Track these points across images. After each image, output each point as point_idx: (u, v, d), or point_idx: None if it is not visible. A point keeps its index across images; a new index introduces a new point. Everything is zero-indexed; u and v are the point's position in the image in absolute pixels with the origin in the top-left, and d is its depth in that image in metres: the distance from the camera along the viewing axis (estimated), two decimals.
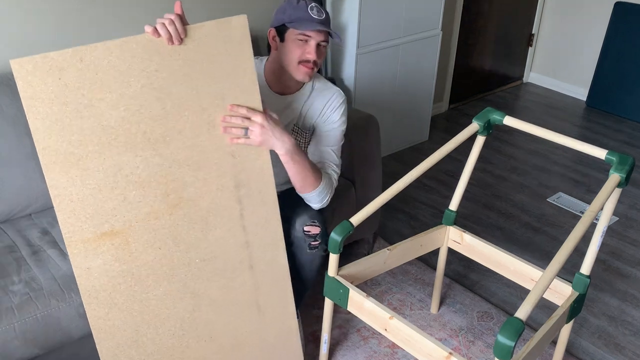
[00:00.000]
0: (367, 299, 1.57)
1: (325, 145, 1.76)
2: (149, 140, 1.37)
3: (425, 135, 3.47)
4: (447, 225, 1.92)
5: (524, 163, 3.27)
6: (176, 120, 1.39)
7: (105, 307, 1.42)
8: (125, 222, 1.39)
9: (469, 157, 1.82)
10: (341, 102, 1.76)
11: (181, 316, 1.52)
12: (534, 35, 4.28)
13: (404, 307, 2.17)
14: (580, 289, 1.61)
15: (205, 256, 1.50)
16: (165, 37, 1.31)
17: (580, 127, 3.72)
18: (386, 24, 2.83)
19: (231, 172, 1.48)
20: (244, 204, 1.52)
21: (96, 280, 1.40)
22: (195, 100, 1.39)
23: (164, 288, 1.48)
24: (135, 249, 1.42)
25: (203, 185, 1.45)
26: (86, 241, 1.36)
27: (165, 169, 1.40)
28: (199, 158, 1.43)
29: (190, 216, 1.46)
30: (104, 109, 1.31)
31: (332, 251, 1.58)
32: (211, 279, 1.53)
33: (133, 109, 1.33)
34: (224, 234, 1.51)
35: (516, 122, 1.69)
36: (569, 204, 2.87)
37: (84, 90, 1.28)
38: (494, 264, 1.83)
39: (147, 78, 1.33)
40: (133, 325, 1.47)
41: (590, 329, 2.10)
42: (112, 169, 1.34)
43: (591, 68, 3.99)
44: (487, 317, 2.13)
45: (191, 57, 1.36)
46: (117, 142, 1.34)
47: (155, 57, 1.33)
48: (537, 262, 2.42)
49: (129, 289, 1.44)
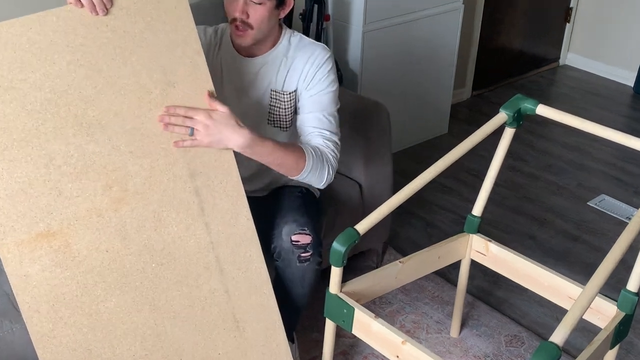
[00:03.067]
0: (375, 320, 1.57)
1: (311, 111, 1.73)
2: (81, 124, 1.39)
3: (444, 128, 3.47)
4: (470, 234, 1.92)
5: (560, 160, 3.27)
6: (111, 101, 1.41)
7: (49, 322, 1.43)
8: (63, 221, 1.40)
9: (495, 153, 1.82)
10: (327, 58, 1.74)
11: (141, 333, 1.52)
12: (573, 9, 4.28)
13: (419, 330, 2.18)
14: (627, 309, 1.61)
15: (162, 260, 1.51)
16: (87, 6, 1.34)
17: (627, 118, 3.72)
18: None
19: (183, 158, 1.49)
20: (202, 196, 1.52)
21: (36, 290, 1.40)
22: (131, 76, 1.42)
23: (117, 298, 1.48)
24: (78, 252, 1.43)
25: (150, 175, 1.46)
26: (20, 243, 1.37)
27: (104, 157, 1.42)
28: (142, 143, 1.45)
29: (139, 212, 1.47)
30: (27, 91, 1.34)
31: (335, 264, 1.58)
32: (172, 287, 1.53)
33: (60, 89, 1.36)
34: (181, 233, 1.52)
35: (551, 112, 1.69)
36: (614, 209, 2.87)
37: (3, 71, 1.31)
38: (525, 278, 1.83)
39: (73, 54, 1.36)
40: (84, 343, 1.47)
41: (638, 356, 2.10)
42: (42, 159, 1.37)
43: (639, 49, 4.00)
44: (516, 342, 2.13)
45: (121, 28, 1.40)
46: (45, 128, 1.36)
47: (80, 29, 1.36)
48: (576, 277, 2.41)
49: (75, 299, 1.44)
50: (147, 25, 1.42)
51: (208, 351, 1.60)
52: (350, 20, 2.79)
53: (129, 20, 1.40)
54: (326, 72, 1.74)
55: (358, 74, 2.84)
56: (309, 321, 2.13)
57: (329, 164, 1.68)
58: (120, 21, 1.39)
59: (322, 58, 1.74)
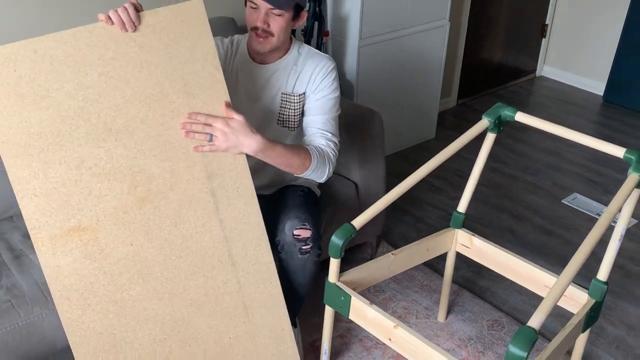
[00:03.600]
0: (370, 306, 1.57)
1: (317, 114, 1.75)
2: (110, 130, 1.40)
3: (432, 133, 3.47)
4: (455, 228, 1.92)
5: (537, 162, 3.27)
6: (137, 109, 1.42)
7: (78, 308, 1.44)
8: (92, 217, 1.41)
9: (478, 155, 1.82)
10: (332, 68, 1.77)
11: (161, 318, 1.52)
12: (548, 26, 4.28)
13: (409, 315, 2.17)
14: (597, 296, 1.61)
15: (181, 253, 1.52)
16: (117, 24, 1.36)
17: (597, 124, 3.72)
18: (390, 14, 2.83)
19: (201, 161, 1.50)
20: (218, 196, 1.53)
21: (67, 280, 1.41)
22: (156, 87, 1.43)
23: (140, 287, 1.49)
24: (106, 246, 1.44)
25: (171, 176, 1.47)
26: (53, 237, 1.39)
27: (130, 160, 1.43)
28: (165, 148, 1.46)
29: (161, 210, 1.48)
30: (62, 100, 1.35)
31: (333, 256, 1.58)
32: (189, 278, 1.54)
33: (91, 98, 1.37)
34: (199, 229, 1.53)
35: (529, 119, 1.69)
36: (585, 206, 2.87)
37: (40, 81, 1.32)
38: (505, 269, 1.83)
39: (104, 66, 1.37)
40: (109, 328, 1.48)
41: (607, 339, 2.10)
42: (74, 161, 1.38)
43: (608, 61, 3.99)
44: (497, 326, 2.13)
45: (147, 44, 1.41)
46: (78, 133, 1.37)
47: (111, 44, 1.37)
48: (551, 268, 2.42)
49: (102, 288, 1.45)
50: (171, 42, 1.43)
51: (220, 335, 1.61)
52: (347, 36, 2.78)
53: (155, 37, 1.41)
54: (331, 80, 1.76)
55: (354, 84, 2.84)
56: (311, 308, 2.12)
57: (330, 162, 1.70)
58: (147, 37, 1.40)
59: (328, 67, 1.76)
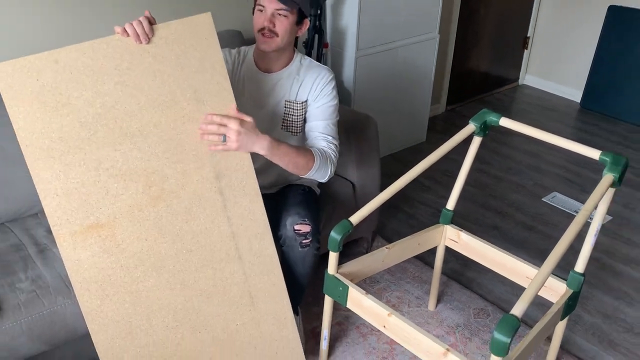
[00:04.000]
0: (366, 296, 1.57)
1: (318, 119, 1.76)
2: (126, 134, 1.40)
3: (423, 136, 3.47)
4: (445, 225, 1.92)
5: (519, 163, 3.27)
6: (151, 115, 1.42)
7: (97, 298, 1.44)
8: (109, 215, 1.42)
9: (465, 157, 1.82)
10: (331, 78, 1.77)
11: (173, 307, 1.53)
12: (529, 38, 4.28)
13: (402, 304, 2.18)
14: (575, 287, 1.62)
15: (192, 247, 1.52)
16: (132, 36, 1.37)
17: (574, 129, 3.72)
18: (385, 27, 2.83)
19: (210, 163, 1.50)
20: (225, 195, 1.53)
21: (86, 272, 1.42)
22: (168, 95, 1.43)
23: (154, 279, 1.49)
24: (122, 241, 1.44)
25: (183, 177, 1.47)
26: (74, 234, 1.39)
27: (145, 161, 1.43)
28: (177, 150, 1.46)
29: (173, 208, 1.48)
30: (81, 107, 1.35)
31: (332, 249, 1.58)
32: (199, 270, 1.54)
33: (109, 105, 1.38)
34: (208, 225, 1.53)
35: (512, 124, 1.69)
36: (564, 204, 2.87)
37: (61, 90, 1.33)
38: (490, 262, 1.83)
39: (120, 76, 1.38)
40: (126, 316, 1.48)
41: (584, 326, 2.10)
42: (93, 163, 1.38)
43: (585, 70, 3.99)
44: (483, 314, 2.13)
45: (160, 54, 1.41)
46: (96, 137, 1.38)
47: (126, 55, 1.38)
48: (533, 261, 2.42)
49: (119, 280, 1.45)
50: (182, 53, 1.43)
51: (228, 322, 1.61)
52: (345, 48, 2.79)
53: (167, 48, 1.42)
54: (330, 89, 1.76)
55: (352, 92, 2.84)
56: (311, 298, 2.13)
57: (331, 162, 1.70)
58: (160, 49, 1.41)
59: (327, 77, 1.77)
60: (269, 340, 1.68)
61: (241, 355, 1.65)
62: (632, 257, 2.48)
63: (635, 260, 2.46)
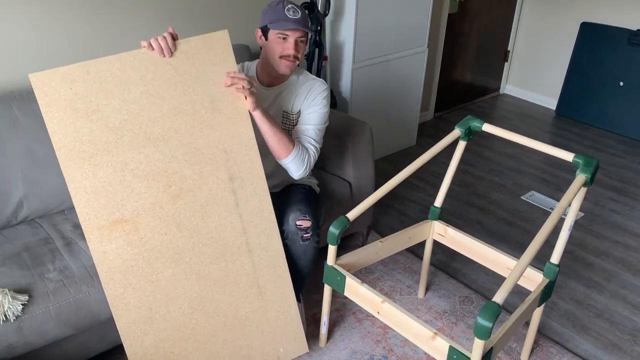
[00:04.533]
0: (361, 285, 1.57)
1: (306, 123, 1.74)
2: (149, 139, 1.41)
3: (413, 140, 3.46)
4: (433, 220, 1.92)
5: (500, 165, 3.27)
6: (172, 122, 1.43)
7: (120, 286, 1.44)
8: (133, 211, 1.42)
9: (451, 159, 1.82)
10: (324, 89, 1.76)
11: (189, 295, 1.53)
12: (510, 51, 4.27)
13: (394, 292, 2.17)
14: (550, 277, 1.61)
15: (207, 241, 1.52)
16: (157, 50, 1.38)
17: (550, 133, 3.72)
18: (378, 42, 2.83)
19: (224, 166, 1.50)
20: (238, 194, 1.53)
21: (112, 263, 1.42)
22: (188, 104, 1.44)
23: (172, 270, 1.49)
24: (144, 235, 1.44)
25: (199, 178, 1.48)
26: (100, 228, 1.39)
27: (166, 163, 1.44)
28: (195, 154, 1.47)
29: (191, 205, 1.48)
30: (109, 113, 1.36)
31: (331, 243, 1.58)
32: (213, 262, 1.54)
33: (134, 112, 1.39)
34: (221, 222, 1.53)
35: (494, 129, 1.69)
36: (540, 201, 2.87)
37: (92, 97, 1.34)
38: (474, 254, 1.83)
39: (145, 85, 1.39)
40: (146, 303, 1.48)
41: (559, 312, 2.10)
42: (119, 164, 1.39)
43: (560, 81, 3.99)
44: (467, 302, 2.13)
45: (182, 67, 1.42)
46: (122, 141, 1.38)
47: (151, 67, 1.39)
48: (512, 253, 2.42)
49: (141, 270, 1.46)
50: (201, 66, 1.44)
51: (238, 309, 1.61)
52: (342, 60, 2.78)
53: (188, 62, 1.42)
54: (321, 98, 1.75)
55: (348, 100, 2.84)
56: (312, 286, 2.12)
57: (308, 162, 1.69)
58: (181, 62, 1.42)
59: (320, 88, 1.76)
60: (274, 326, 1.68)
61: (250, 339, 1.64)
62: (602, 249, 2.48)
63: (605, 252, 2.46)
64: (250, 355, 1.65)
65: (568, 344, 1.95)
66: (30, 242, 1.73)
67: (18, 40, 1.88)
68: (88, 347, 1.66)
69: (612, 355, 1.90)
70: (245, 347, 1.64)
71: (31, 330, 1.48)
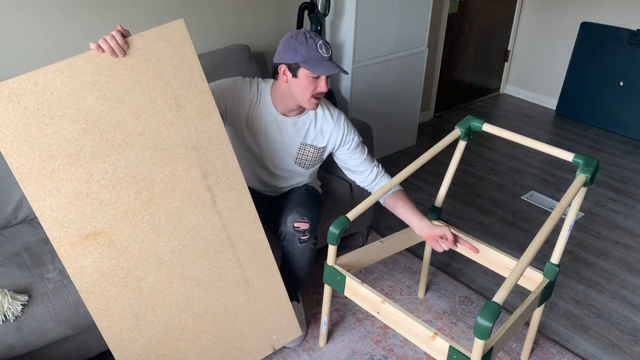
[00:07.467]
0: (361, 285, 1.57)
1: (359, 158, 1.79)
2: (112, 146, 1.34)
3: (413, 140, 3.46)
4: (433, 220, 1.92)
5: (500, 165, 3.27)
6: (135, 125, 1.35)
7: (102, 299, 1.40)
8: (105, 222, 1.36)
9: (452, 159, 1.82)
10: (343, 121, 1.75)
11: (175, 298, 1.50)
12: (510, 51, 4.28)
13: (394, 292, 2.17)
14: (551, 277, 1.61)
15: (187, 242, 1.48)
16: (108, 51, 1.28)
17: (550, 133, 3.72)
18: (378, 42, 2.83)
19: (196, 163, 1.44)
20: (214, 191, 1.48)
21: (89, 277, 1.37)
22: (149, 103, 1.36)
23: (154, 275, 1.46)
24: (120, 245, 1.39)
25: (171, 179, 1.42)
26: (73, 244, 1.34)
27: (133, 169, 1.37)
28: (163, 155, 1.40)
29: (165, 209, 1.43)
30: (66, 124, 1.28)
31: (331, 243, 1.58)
32: (196, 262, 1.51)
33: (92, 120, 1.30)
34: (200, 221, 1.48)
35: (494, 129, 1.69)
36: (541, 202, 2.87)
37: (44, 110, 1.25)
38: (474, 254, 1.83)
39: (100, 90, 1.30)
40: (131, 311, 1.45)
41: (559, 312, 2.10)
42: (83, 176, 1.32)
43: (560, 81, 3.99)
44: (467, 302, 2.13)
45: (137, 65, 1.33)
46: (84, 152, 1.31)
47: (104, 70, 1.30)
48: (512, 253, 2.42)
49: (121, 280, 1.41)
50: (158, 61, 1.35)
51: (226, 304, 1.59)
52: (342, 60, 2.78)
53: (143, 58, 1.33)
54: (347, 131, 1.76)
55: (349, 101, 2.84)
56: (312, 286, 2.13)
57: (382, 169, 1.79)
58: (136, 60, 1.33)
59: (342, 123, 1.75)
60: (265, 315, 1.67)
61: (241, 331, 1.63)
62: (602, 250, 2.48)
63: (605, 252, 2.46)
64: (244, 346, 1.65)
65: (568, 344, 1.95)
66: (30, 242, 1.73)
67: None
68: (88, 347, 1.66)
69: (612, 355, 1.90)
70: (237, 339, 1.63)
71: (31, 330, 1.48)
